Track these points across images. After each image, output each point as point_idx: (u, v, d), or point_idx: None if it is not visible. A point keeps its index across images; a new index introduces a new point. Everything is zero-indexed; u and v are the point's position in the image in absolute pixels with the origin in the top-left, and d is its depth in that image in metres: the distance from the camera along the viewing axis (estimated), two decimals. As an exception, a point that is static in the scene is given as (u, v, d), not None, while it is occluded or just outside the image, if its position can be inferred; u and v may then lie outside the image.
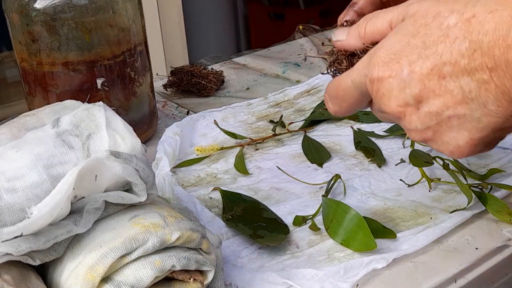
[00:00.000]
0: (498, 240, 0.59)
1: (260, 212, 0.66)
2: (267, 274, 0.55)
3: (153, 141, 0.84)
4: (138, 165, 0.50)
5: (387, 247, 0.59)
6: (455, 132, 0.45)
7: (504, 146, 0.75)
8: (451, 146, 0.46)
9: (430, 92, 0.43)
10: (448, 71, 0.42)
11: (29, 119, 0.56)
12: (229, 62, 1.16)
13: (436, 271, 0.56)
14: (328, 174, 0.73)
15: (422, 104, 0.44)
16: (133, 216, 0.50)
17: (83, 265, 0.46)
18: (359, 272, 0.55)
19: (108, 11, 0.75)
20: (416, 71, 0.43)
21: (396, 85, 0.45)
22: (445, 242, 0.59)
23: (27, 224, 0.44)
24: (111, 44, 0.76)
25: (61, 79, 0.76)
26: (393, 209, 0.65)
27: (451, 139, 0.45)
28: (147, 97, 0.83)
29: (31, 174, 0.48)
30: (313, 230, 0.63)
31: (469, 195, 0.62)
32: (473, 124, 0.43)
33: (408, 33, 0.44)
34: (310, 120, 0.87)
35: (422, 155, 0.69)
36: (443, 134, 0.45)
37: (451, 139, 0.45)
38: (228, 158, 0.79)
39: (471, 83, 0.42)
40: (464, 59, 0.41)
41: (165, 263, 0.47)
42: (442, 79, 0.42)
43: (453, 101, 0.43)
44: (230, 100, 0.98)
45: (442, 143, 0.46)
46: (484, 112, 0.42)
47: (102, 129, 0.52)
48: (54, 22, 0.73)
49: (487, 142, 0.45)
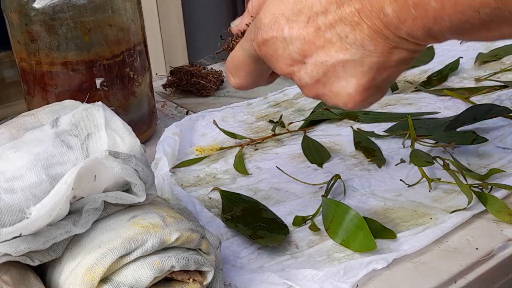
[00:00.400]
0: (498, 240, 0.59)
1: (260, 213, 0.66)
2: (267, 274, 0.55)
3: (153, 141, 0.84)
4: (137, 165, 0.50)
5: (387, 247, 0.59)
6: (343, 81, 0.46)
7: (504, 146, 0.75)
8: (343, 97, 0.47)
9: (312, 45, 0.45)
10: (322, 21, 0.44)
11: (28, 119, 0.55)
12: (228, 62, 1.16)
13: (436, 271, 0.55)
14: (328, 174, 0.72)
15: (307, 58, 0.46)
16: (132, 217, 0.50)
17: (82, 265, 0.46)
18: (359, 273, 0.55)
19: (107, 10, 0.74)
20: (294, 26, 0.45)
21: (279, 44, 0.46)
22: (445, 242, 0.59)
23: (26, 225, 0.44)
24: (110, 43, 0.76)
25: (60, 79, 0.75)
26: (393, 209, 0.65)
27: (341, 89, 0.46)
28: (146, 97, 0.83)
29: (30, 174, 0.48)
30: (313, 231, 0.62)
31: (469, 195, 0.62)
32: (357, 68, 0.44)
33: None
34: (310, 120, 0.86)
35: (423, 155, 0.69)
36: (332, 85, 0.46)
37: (341, 89, 0.46)
38: (228, 158, 0.79)
39: (345, 28, 0.43)
40: (332, 5, 0.43)
41: (164, 263, 0.47)
42: (318, 30, 0.44)
43: (334, 49, 0.44)
44: (230, 100, 0.97)
45: (334, 95, 0.47)
46: (364, 53, 0.44)
47: (101, 129, 0.52)
48: (53, 21, 0.72)
49: (376, 86, 0.46)
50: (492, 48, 1.06)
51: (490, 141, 0.75)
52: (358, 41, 0.43)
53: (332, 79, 0.46)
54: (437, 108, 0.86)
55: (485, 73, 0.97)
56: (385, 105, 0.90)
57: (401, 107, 0.88)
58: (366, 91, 0.46)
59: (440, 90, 0.91)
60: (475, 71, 0.99)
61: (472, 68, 1.00)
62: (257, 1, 0.53)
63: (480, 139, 0.74)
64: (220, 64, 1.14)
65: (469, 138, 0.74)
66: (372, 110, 0.89)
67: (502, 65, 1.00)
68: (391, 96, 0.93)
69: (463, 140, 0.74)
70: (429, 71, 1.00)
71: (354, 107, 0.48)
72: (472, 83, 0.94)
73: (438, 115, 0.84)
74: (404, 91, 0.94)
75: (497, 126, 0.79)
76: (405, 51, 0.44)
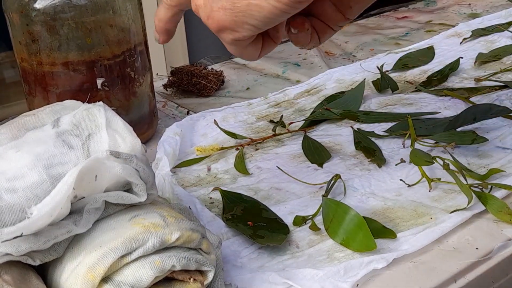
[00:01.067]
0: (498, 240, 0.59)
1: (260, 212, 0.66)
2: (267, 274, 0.55)
3: (153, 141, 0.84)
4: (138, 165, 0.50)
5: (387, 247, 0.59)
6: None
7: (504, 146, 0.75)
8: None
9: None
10: None
11: (29, 119, 0.56)
12: (229, 62, 1.16)
13: (436, 271, 0.56)
14: (328, 174, 0.73)
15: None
16: (133, 216, 0.50)
17: (83, 265, 0.46)
18: (359, 272, 0.55)
19: (108, 11, 0.75)
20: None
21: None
22: (445, 242, 0.59)
23: (27, 224, 0.44)
24: (111, 44, 0.76)
25: (61, 79, 0.76)
26: (393, 209, 0.65)
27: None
28: (147, 97, 0.83)
29: (31, 174, 0.48)
30: (313, 230, 0.63)
31: (469, 195, 0.62)
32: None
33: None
34: (310, 120, 0.87)
35: (423, 155, 0.69)
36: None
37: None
38: (228, 158, 0.79)
39: None
40: None
41: (165, 263, 0.47)
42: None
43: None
44: (230, 100, 0.98)
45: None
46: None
47: (102, 129, 0.52)
48: (54, 22, 0.73)
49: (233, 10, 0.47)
50: (492, 48, 1.06)
51: (490, 141, 0.75)
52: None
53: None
54: (437, 108, 0.86)
55: (485, 73, 0.97)
56: (385, 105, 0.90)
57: (401, 107, 0.88)
58: (225, 11, 0.49)
59: (440, 90, 0.91)
60: (475, 71, 0.99)
61: (472, 68, 1.00)
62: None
63: (480, 139, 0.74)
64: (221, 64, 1.14)
65: (469, 138, 0.74)
66: (372, 110, 0.89)
67: (502, 65, 1.00)
68: (391, 96, 0.93)
69: (463, 140, 0.74)
70: (429, 71, 1.01)
71: (213, 28, 0.51)
72: (472, 83, 0.94)
73: (438, 115, 0.84)
74: (404, 91, 0.94)
75: (497, 126, 0.79)
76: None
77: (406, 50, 1.09)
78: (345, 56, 1.14)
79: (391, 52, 1.10)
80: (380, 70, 0.98)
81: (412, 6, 1.41)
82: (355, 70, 1.03)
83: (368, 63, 1.05)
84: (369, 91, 0.95)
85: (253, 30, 0.49)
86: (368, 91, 0.94)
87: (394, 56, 1.07)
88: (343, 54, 1.15)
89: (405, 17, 1.34)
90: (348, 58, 1.12)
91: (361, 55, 1.13)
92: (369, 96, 0.93)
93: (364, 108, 0.90)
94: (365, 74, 1.01)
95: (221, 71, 1.05)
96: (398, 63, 1.04)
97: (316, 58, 1.12)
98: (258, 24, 0.48)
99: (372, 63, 1.05)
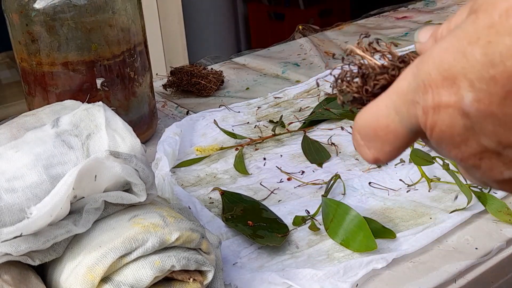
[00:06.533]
0: (497, 240, 0.59)
1: (260, 212, 0.66)
2: (267, 274, 0.55)
3: (153, 141, 0.84)
4: (137, 165, 0.50)
5: (387, 247, 0.59)
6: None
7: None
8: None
9: (509, 130, 0.28)
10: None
11: (29, 119, 0.56)
12: (229, 62, 1.16)
13: (436, 271, 0.56)
14: (328, 174, 0.73)
15: (503, 147, 0.29)
16: (132, 216, 0.50)
17: (82, 265, 0.46)
18: (359, 272, 0.55)
19: (108, 11, 0.75)
20: (482, 99, 0.28)
21: (458, 119, 0.29)
22: (445, 242, 0.59)
23: (26, 224, 0.44)
24: (110, 44, 0.76)
25: (61, 79, 0.76)
26: (393, 209, 0.65)
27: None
28: (146, 97, 0.83)
29: (31, 174, 0.48)
30: (313, 230, 0.63)
31: (469, 195, 0.62)
32: None
33: (465, 37, 0.28)
34: (310, 120, 0.87)
35: (423, 154, 0.69)
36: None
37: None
38: (228, 158, 0.79)
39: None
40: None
41: (164, 263, 0.47)
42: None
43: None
44: (230, 100, 0.98)
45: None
46: None
47: (101, 129, 0.52)
48: (53, 22, 0.73)
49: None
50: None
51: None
52: None
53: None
54: (437, 108, 0.86)
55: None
56: (385, 105, 0.90)
57: (401, 107, 0.88)
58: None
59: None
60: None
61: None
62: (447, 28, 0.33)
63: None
64: (220, 64, 1.14)
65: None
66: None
67: (502, 65, 1.00)
68: (391, 96, 0.93)
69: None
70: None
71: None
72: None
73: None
74: (404, 91, 0.94)
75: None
76: None
77: (406, 50, 1.09)
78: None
79: (391, 52, 1.09)
80: (380, 70, 0.98)
81: (411, 6, 1.41)
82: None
83: (368, 63, 1.05)
84: (369, 91, 0.95)
85: None
86: (367, 91, 0.94)
87: (394, 56, 1.07)
88: (342, 54, 1.15)
89: (405, 17, 1.34)
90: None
91: (361, 55, 1.13)
92: (369, 96, 0.93)
93: (363, 108, 0.90)
94: (365, 74, 1.01)
95: (221, 71, 1.05)
96: (397, 63, 1.04)
97: (315, 58, 1.12)
98: None
99: (372, 63, 1.05)
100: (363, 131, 0.34)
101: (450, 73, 0.29)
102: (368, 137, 0.34)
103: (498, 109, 0.28)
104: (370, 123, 0.33)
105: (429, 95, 0.30)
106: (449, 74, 0.29)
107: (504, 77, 0.27)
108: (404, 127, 0.32)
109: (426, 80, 0.30)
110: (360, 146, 0.35)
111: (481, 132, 0.29)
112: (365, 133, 0.34)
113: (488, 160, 0.30)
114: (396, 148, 0.34)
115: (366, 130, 0.34)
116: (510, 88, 0.27)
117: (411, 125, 0.32)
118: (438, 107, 0.29)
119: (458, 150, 0.30)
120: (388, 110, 0.32)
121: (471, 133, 0.29)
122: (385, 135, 0.33)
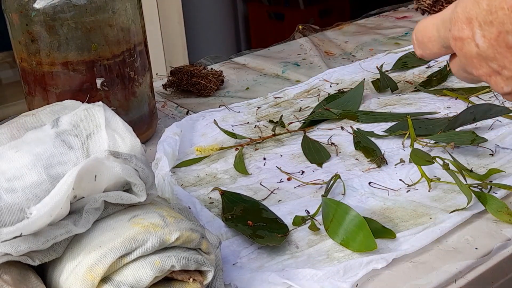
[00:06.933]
0: (497, 240, 0.59)
1: (260, 212, 0.66)
2: (267, 274, 0.55)
3: (153, 141, 0.84)
4: (137, 165, 0.50)
5: (387, 247, 0.59)
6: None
7: (503, 146, 0.75)
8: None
9: (505, 59, 0.43)
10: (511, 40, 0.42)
11: (29, 119, 0.56)
12: (229, 62, 1.16)
13: (436, 271, 0.56)
14: (328, 174, 0.72)
15: (502, 68, 0.44)
16: (132, 216, 0.50)
17: (82, 265, 0.46)
18: (359, 272, 0.55)
19: (108, 11, 0.75)
20: (486, 35, 0.43)
21: (473, 47, 0.44)
22: (445, 242, 0.59)
23: (26, 224, 0.44)
24: (110, 44, 0.76)
25: (61, 79, 0.76)
26: (393, 209, 0.65)
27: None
28: (146, 97, 0.83)
29: (31, 174, 0.48)
30: (313, 230, 0.63)
31: (469, 195, 0.62)
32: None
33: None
34: (310, 120, 0.87)
35: (423, 154, 0.69)
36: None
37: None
38: (228, 158, 0.79)
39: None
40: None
41: (164, 263, 0.47)
42: (510, 48, 0.42)
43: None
44: (230, 100, 0.98)
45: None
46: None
47: (101, 129, 0.52)
48: (53, 22, 0.73)
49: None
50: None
51: (490, 141, 0.75)
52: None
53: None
54: (436, 108, 0.86)
55: (484, 73, 0.97)
56: (385, 105, 0.90)
57: (401, 107, 0.88)
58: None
59: (440, 90, 0.91)
60: (475, 71, 0.99)
61: (472, 68, 1.00)
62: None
63: (479, 139, 0.74)
64: (220, 64, 1.14)
65: (468, 138, 0.74)
66: (372, 110, 0.89)
67: (501, 65, 1.00)
68: (391, 96, 0.93)
69: (462, 140, 0.74)
70: (429, 71, 1.01)
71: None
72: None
73: (438, 115, 0.84)
74: (404, 91, 0.94)
75: (497, 126, 0.79)
76: None
77: (406, 50, 1.09)
78: (345, 56, 1.14)
79: (391, 52, 1.10)
80: (380, 70, 0.98)
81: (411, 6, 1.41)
82: (355, 70, 1.03)
83: (368, 63, 1.05)
84: (369, 91, 0.95)
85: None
86: (367, 91, 0.94)
87: (394, 56, 1.07)
88: (342, 54, 1.15)
89: (405, 17, 1.34)
90: (348, 58, 1.12)
91: (361, 55, 1.13)
92: (369, 96, 0.93)
93: (363, 108, 0.90)
94: (365, 74, 1.01)
95: (221, 71, 1.05)
96: (397, 63, 1.04)
97: (315, 58, 1.12)
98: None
99: (372, 63, 1.05)
100: (418, 35, 0.51)
101: (469, 15, 0.43)
102: (419, 40, 0.51)
103: (495, 43, 0.43)
104: (422, 31, 0.50)
105: (456, 27, 0.45)
106: (468, 16, 0.43)
107: (497, 22, 0.42)
108: (440, 41, 0.48)
109: (456, 16, 0.45)
110: (414, 44, 0.52)
111: (487, 58, 0.44)
112: (417, 36, 0.51)
113: (494, 77, 0.45)
114: (433, 53, 0.50)
115: (418, 35, 0.51)
116: (501, 29, 0.42)
117: (444, 42, 0.48)
118: (461, 37, 0.45)
119: (476, 70, 0.46)
120: (433, 27, 0.49)
121: (482, 57, 0.44)
122: (428, 42, 0.50)
